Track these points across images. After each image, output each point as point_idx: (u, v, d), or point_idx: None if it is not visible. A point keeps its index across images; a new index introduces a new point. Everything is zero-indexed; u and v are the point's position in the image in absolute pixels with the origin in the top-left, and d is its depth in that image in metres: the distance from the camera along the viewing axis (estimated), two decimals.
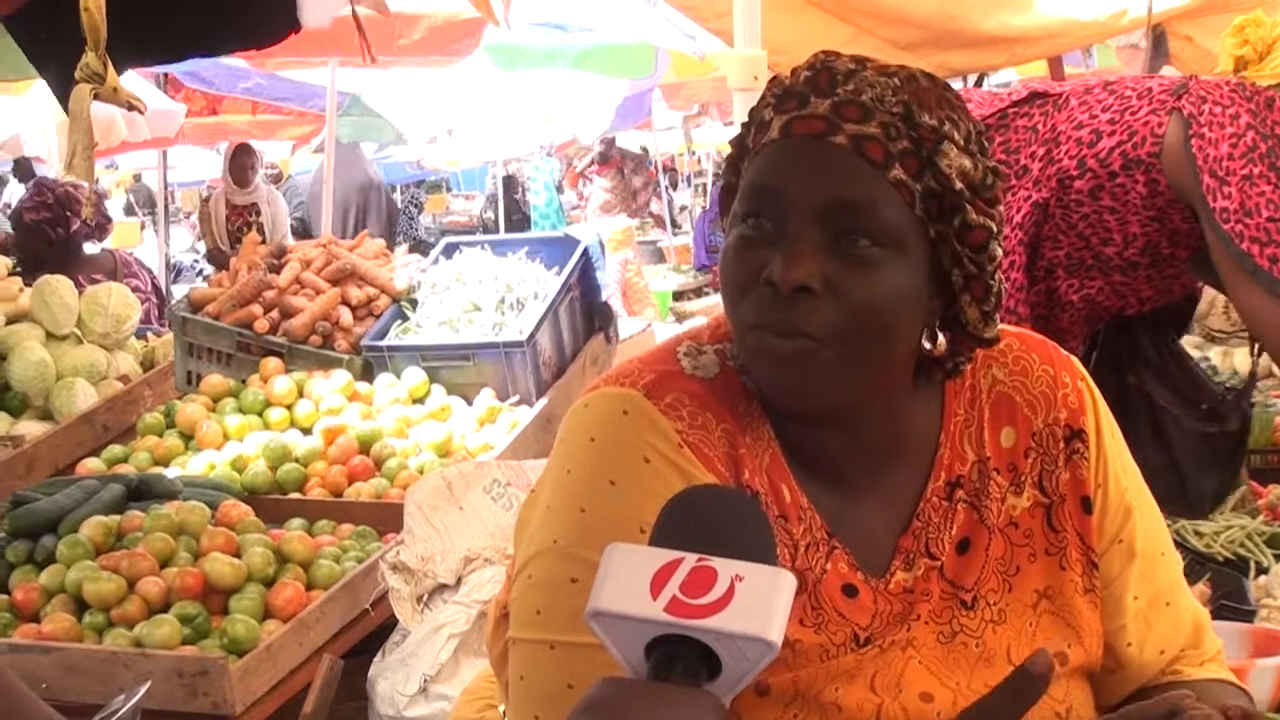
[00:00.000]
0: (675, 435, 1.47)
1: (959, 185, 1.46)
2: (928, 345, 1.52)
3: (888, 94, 1.45)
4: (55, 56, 4.11)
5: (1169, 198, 2.85)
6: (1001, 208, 1.52)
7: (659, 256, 14.36)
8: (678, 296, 11.27)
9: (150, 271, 7.34)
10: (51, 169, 10.06)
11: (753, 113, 1.54)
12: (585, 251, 5.03)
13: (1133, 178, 2.79)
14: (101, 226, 6.69)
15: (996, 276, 1.52)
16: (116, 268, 6.64)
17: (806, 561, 1.49)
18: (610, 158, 17.84)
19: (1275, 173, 2.71)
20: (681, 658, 1.11)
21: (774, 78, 1.55)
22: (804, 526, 1.50)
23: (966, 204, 1.46)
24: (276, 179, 18.47)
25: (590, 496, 1.48)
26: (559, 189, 18.48)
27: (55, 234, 6.40)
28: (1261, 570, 3.33)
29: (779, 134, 1.48)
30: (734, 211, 1.51)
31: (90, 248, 6.87)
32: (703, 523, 1.18)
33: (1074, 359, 1.63)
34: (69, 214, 6.40)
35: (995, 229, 1.49)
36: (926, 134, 1.45)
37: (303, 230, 13.96)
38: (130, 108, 3.96)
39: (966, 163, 1.47)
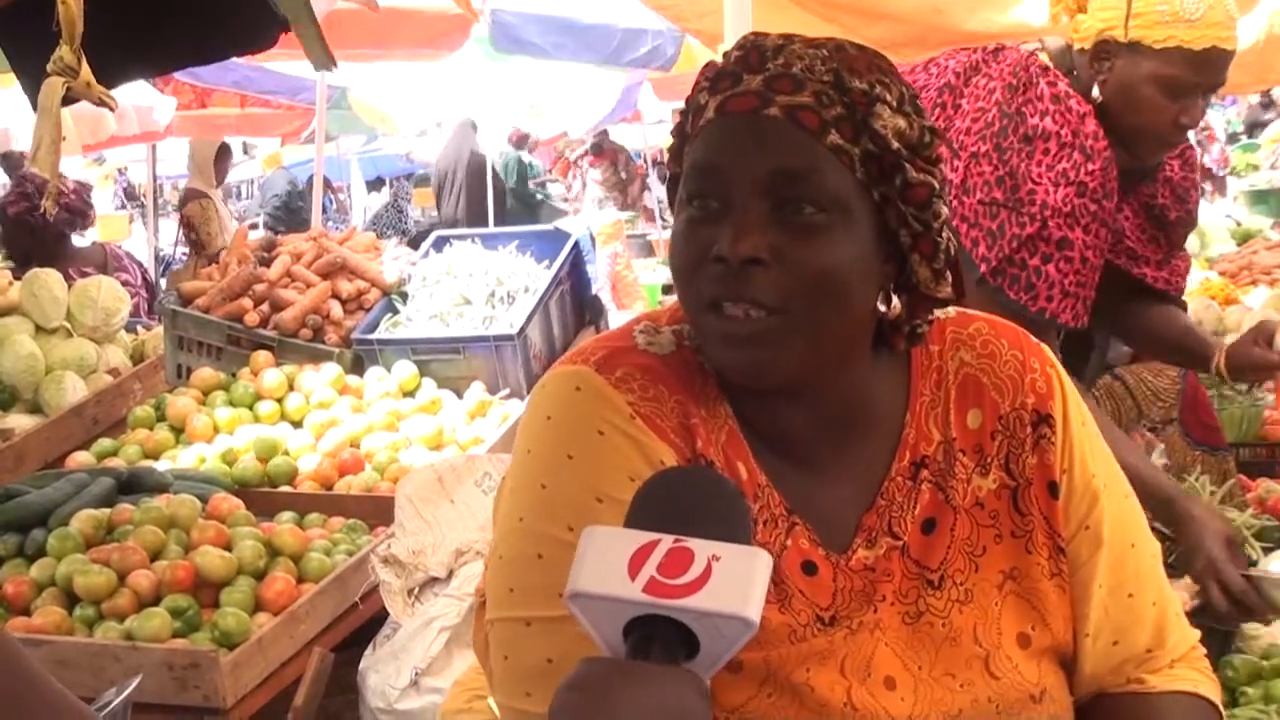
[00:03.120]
0: (627, 407, 1.50)
1: (896, 145, 1.48)
2: (883, 308, 1.54)
3: (817, 64, 1.49)
4: (33, 57, 4.09)
5: None
6: (943, 167, 1.55)
7: (648, 250, 14.35)
8: (666, 290, 11.25)
9: (140, 265, 7.33)
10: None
11: (689, 100, 1.57)
12: (576, 245, 5.04)
13: None
14: (83, 213, 6.65)
15: (944, 235, 1.54)
16: (106, 261, 6.63)
17: (765, 537, 1.51)
18: (604, 150, 17.86)
19: (998, 153, 2.75)
20: (660, 637, 1.13)
21: (708, 63, 1.59)
22: (761, 504, 1.52)
23: (905, 163, 1.49)
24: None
25: (549, 472, 1.50)
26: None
27: (34, 220, 6.40)
28: (1250, 563, 3.34)
29: (715, 114, 1.51)
30: (680, 196, 1.54)
31: (79, 240, 6.86)
32: (679, 504, 1.20)
33: (1044, 346, 1.65)
34: (39, 196, 6.41)
35: (937, 186, 1.52)
36: (858, 98, 1.48)
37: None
38: (101, 103, 3.94)
39: (901, 123, 1.49)
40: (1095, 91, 2.82)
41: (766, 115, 1.47)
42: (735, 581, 1.13)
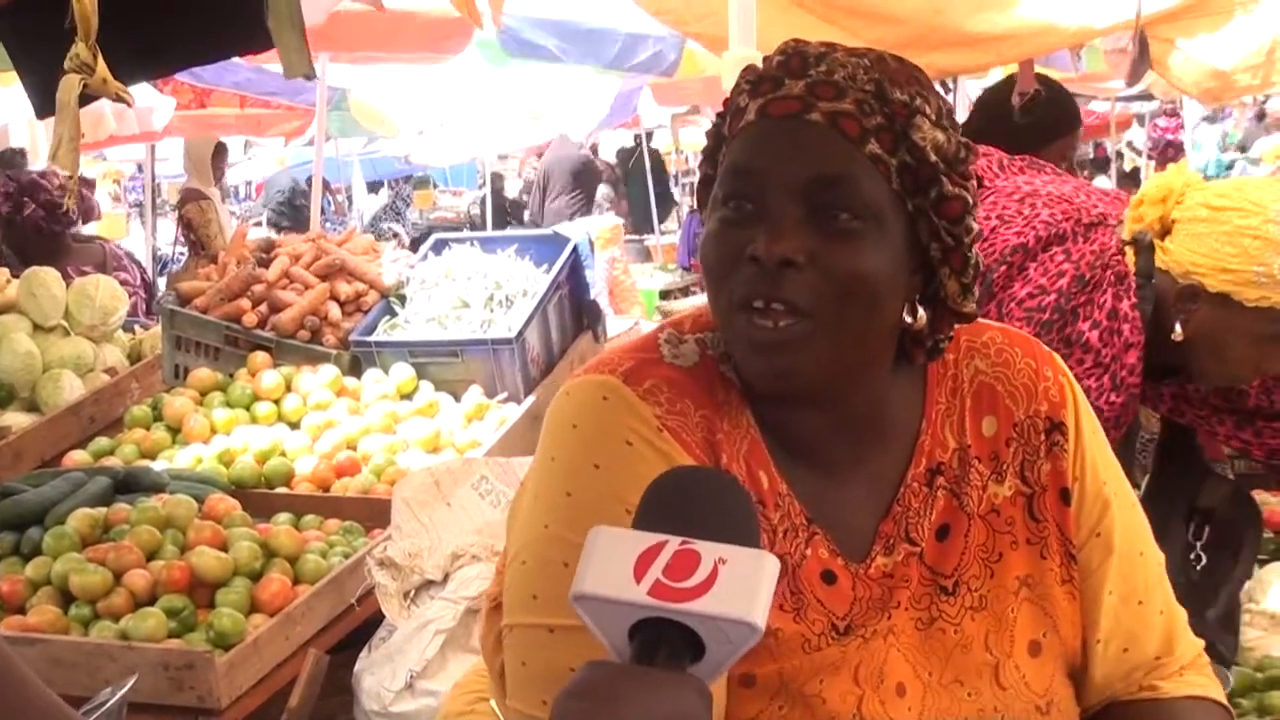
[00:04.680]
0: (654, 419, 1.50)
1: (934, 158, 1.49)
2: (908, 319, 1.55)
3: (859, 73, 1.49)
4: (36, 56, 4.10)
5: None
6: (974, 183, 1.55)
7: (646, 255, 14.39)
8: (664, 295, 11.27)
9: (140, 266, 7.31)
10: (33, 162, 10.01)
11: (728, 102, 1.57)
12: (574, 249, 5.04)
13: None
14: (83, 211, 6.65)
15: (973, 250, 1.55)
16: (105, 260, 6.62)
17: (785, 547, 1.51)
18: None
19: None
20: (665, 641, 1.12)
21: (748, 66, 1.58)
22: (782, 513, 1.52)
23: (942, 176, 1.50)
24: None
25: (575, 481, 1.50)
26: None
27: (21, 219, 6.41)
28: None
29: (755, 116, 1.51)
30: (714, 197, 1.54)
31: (78, 239, 6.84)
32: (686, 505, 1.19)
33: (1056, 355, 1.66)
34: (26, 199, 6.40)
35: (970, 201, 1.53)
36: (899, 109, 1.48)
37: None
38: (118, 99, 3.94)
39: (940, 136, 1.50)
40: (1178, 329, 2.66)
41: (808, 120, 1.48)
42: (742, 585, 1.12)
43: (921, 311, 1.56)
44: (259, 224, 15.38)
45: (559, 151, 15.70)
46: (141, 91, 9.09)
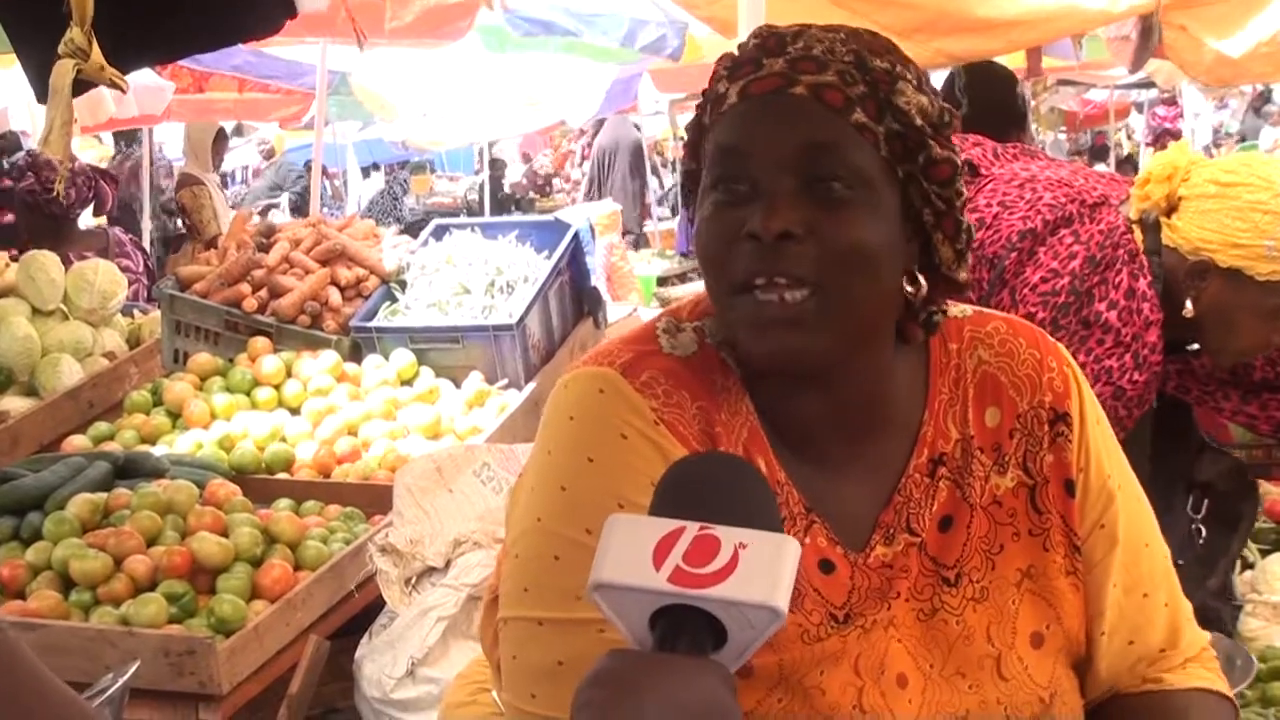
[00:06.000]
0: (650, 413, 1.49)
1: (920, 122, 1.49)
2: (909, 289, 1.53)
3: (837, 45, 1.49)
4: (35, 37, 4.08)
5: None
6: (959, 150, 1.55)
7: (644, 241, 14.36)
8: (661, 282, 11.23)
9: (144, 252, 7.30)
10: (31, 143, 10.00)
11: (706, 92, 1.57)
12: (575, 236, 5.03)
13: (979, 274, 2.78)
14: (97, 201, 6.65)
15: (964, 213, 1.55)
16: (108, 246, 6.61)
17: None
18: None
19: (1052, 327, 2.63)
20: (687, 628, 1.11)
21: (724, 54, 1.58)
22: (780, 501, 1.51)
23: (930, 140, 1.49)
24: (269, 155, 18.63)
25: (570, 474, 1.49)
26: None
27: (19, 191, 6.42)
28: (1247, 565, 3.35)
29: (738, 98, 1.50)
30: (703, 184, 1.53)
31: (86, 220, 6.85)
32: (703, 491, 1.18)
33: (1060, 346, 1.65)
34: (30, 173, 6.41)
35: (958, 164, 1.53)
36: (880, 77, 1.48)
37: None
38: (113, 85, 3.93)
39: (924, 100, 1.50)
40: (1189, 306, 2.67)
41: (792, 94, 1.47)
42: (763, 569, 1.10)
43: (922, 281, 1.54)
44: (277, 206, 15.37)
45: (619, 131, 15.76)
46: (141, 74, 9.07)
